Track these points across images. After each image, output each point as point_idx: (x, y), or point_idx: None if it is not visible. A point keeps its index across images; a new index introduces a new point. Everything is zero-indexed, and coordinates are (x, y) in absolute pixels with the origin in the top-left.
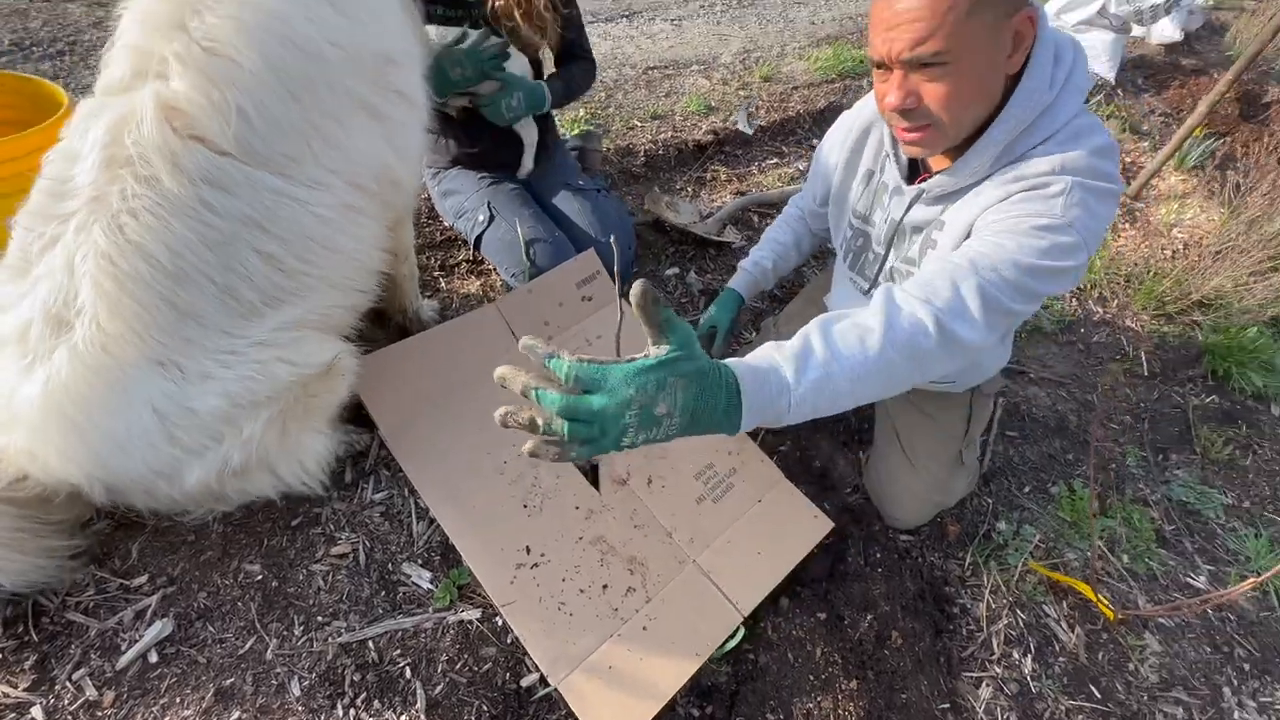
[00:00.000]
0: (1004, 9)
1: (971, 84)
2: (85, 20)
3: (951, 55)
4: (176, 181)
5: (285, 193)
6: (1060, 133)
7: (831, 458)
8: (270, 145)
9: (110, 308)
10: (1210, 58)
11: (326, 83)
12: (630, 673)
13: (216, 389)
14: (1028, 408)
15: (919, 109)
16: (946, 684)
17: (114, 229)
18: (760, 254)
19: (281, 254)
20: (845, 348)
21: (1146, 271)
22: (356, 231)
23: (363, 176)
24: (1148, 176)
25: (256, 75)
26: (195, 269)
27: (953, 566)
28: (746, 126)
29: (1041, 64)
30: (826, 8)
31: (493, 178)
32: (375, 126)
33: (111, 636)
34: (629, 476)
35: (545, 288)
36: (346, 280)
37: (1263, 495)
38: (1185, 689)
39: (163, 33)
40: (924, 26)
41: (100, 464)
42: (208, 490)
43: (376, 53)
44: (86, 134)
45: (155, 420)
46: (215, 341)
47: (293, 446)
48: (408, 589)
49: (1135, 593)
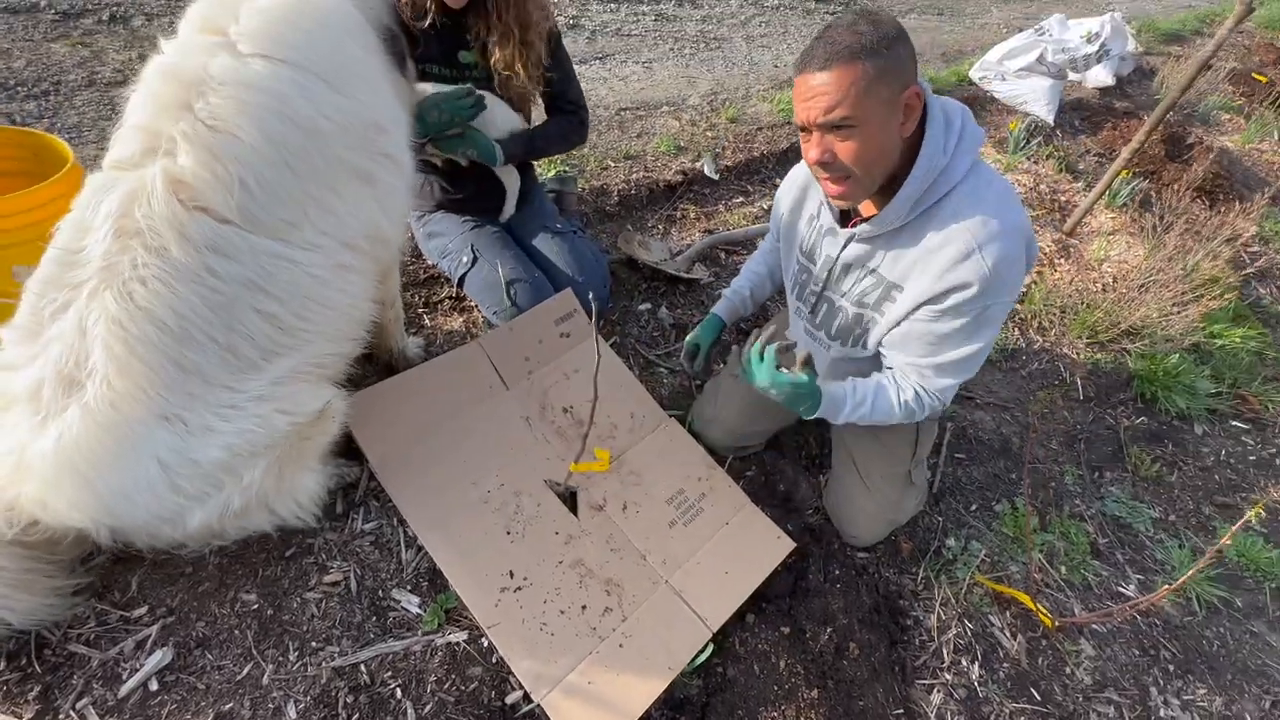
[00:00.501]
0: (896, 87)
1: (874, 143)
2: (69, 60)
3: (856, 120)
4: (183, 250)
5: (284, 256)
6: (960, 186)
7: (794, 481)
8: (270, 213)
9: (120, 368)
10: (1141, 100)
11: (322, 153)
12: (608, 688)
13: (218, 441)
14: (974, 431)
15: (835, 163)
16: (901, 691)
17: (124, 295)
18: (740, 283)
19: (280, 313)
20: (879, 410)
21: (1080, 303)
22: (349, 287)
23: (355, 237)
24: (1080, 215)
25: (257, 149)
26: (199, 330)
27: (906, 581)
28: (713, 172)
29: (934, 134)
30: (789, 51)
31: (475, 221)
32: (366, 190)
33: (113, 666)
34: (605, 502)
35: (525, 325)
36: (340, 332)
37: (1187, 509)
38: (1116, 690)
39: (170, 113)
40: (833, 98)
41: (108, 512)
42: (209, 531)
43: (368, 122)
44: (99, 207)
45: (160, 471)
46: (217, 396)
47: (288, 486)
48: (397, 614)
49: (1072, 601)
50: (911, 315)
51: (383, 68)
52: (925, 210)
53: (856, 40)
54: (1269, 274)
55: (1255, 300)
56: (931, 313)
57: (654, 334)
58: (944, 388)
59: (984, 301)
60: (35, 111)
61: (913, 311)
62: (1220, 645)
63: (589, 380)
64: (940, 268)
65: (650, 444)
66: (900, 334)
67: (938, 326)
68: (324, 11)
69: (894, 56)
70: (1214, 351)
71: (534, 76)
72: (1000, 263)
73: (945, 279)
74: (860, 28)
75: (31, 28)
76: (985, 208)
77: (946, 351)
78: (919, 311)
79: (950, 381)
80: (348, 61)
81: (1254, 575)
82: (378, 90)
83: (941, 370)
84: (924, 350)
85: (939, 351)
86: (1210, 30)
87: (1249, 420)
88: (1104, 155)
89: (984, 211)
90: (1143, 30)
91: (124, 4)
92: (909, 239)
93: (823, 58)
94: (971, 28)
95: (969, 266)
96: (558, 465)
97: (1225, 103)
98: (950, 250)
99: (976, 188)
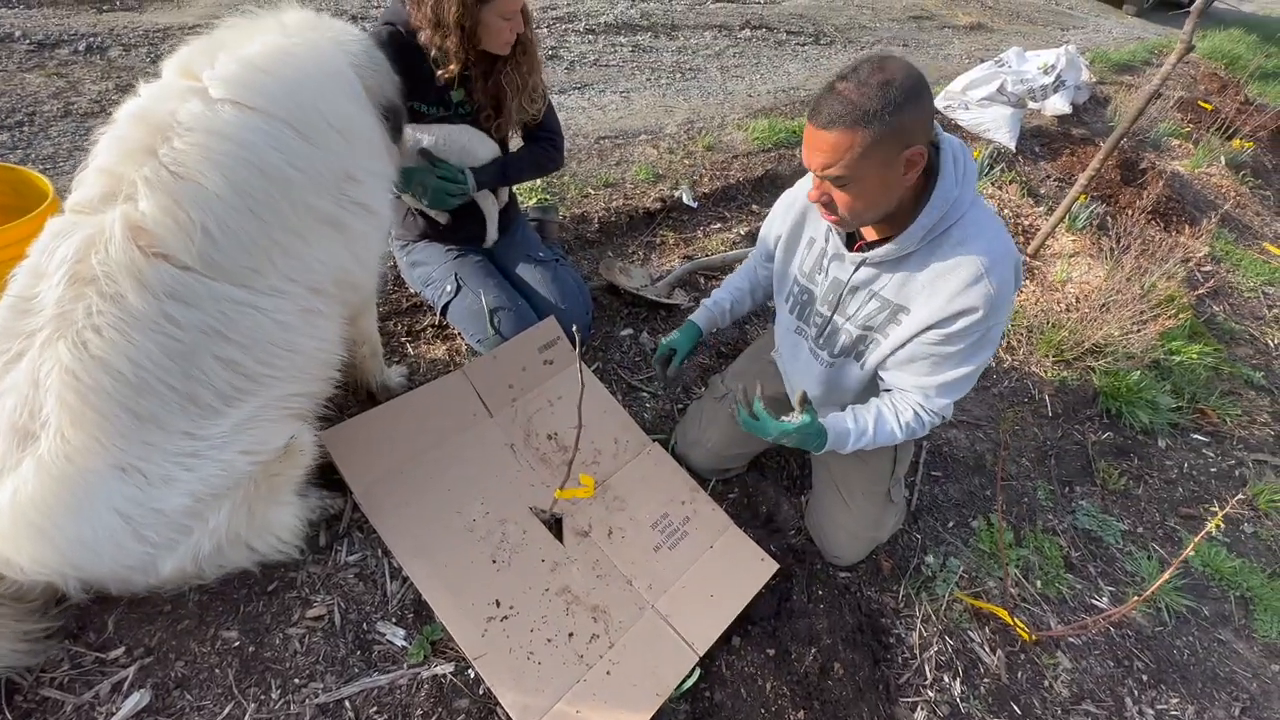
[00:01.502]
0: (896, 148)
1: (867, 198)
2: (45, 91)
3: (849, 179)
4: (141, 298)
5: (246, 302)
6: (966, 215)
7: (776, 503)
8: (232, 259)
9: (73, 419)
10: (1096, 127)
11: (289, 200)
12: (596, 716)
13: (181, 489)
14: (949, 449)
15: (830, 204)
16: (885, 710)
17: (78, 345)
18: (721, 295)
19: (243, 359)
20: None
21: (1046, 323)
22: (316, 332)
23: (322, 282)
24: (1043, 238)
25: (220, 196)
26: (156, 379)
27: (888, 599)
28: (691, 201)
29: (948, 170)
30: (762, 81)
31: (459, 250)
32: (336, 236)
33: (88, 710)
34: (591, 528)
35: (509, 353)
36: (308, 375)
37: (1154, 521)
38: (1093, 701)
39: (134, 157)
40: (829, 158)
41: (71, 565)
42: (183, 575)
43: (339, 172)
44: (54, 253)
45: (120, 522)
46: (176, 444)
47: (261, 523)
48: (383, 647)
49: (1048, 615)
50: (918, 338)
51: (369, 123)
52: (935, 238)
53: (862, 104)
54: (1221, 292)
55: (1210, 317)
56: (939, 335)
57: (636, 359)
58: (945, 405)
59: (988, 323)
60: (9, 142)
61: (919, 334)
62: (1190, 654)
63: (573, 407)
64: (950, 292)
65: (634, 469)
66: (905, 355)
67: (943, 348)
68: (306, 63)
69: (896, 123)
70: (1173, 368)
71: (518, 122)
72: (1003, 286)
73: (955, 303)
74: (869, 88)
75: (6, 58)
76: (988, 235)
77: (949, 371)
78: (926, 334)
79: (950, 399)
80: (325, 113)
81: (1219, 584)
82: (354, 142)
83: (944, 389)
84: (928, 370)
85: (942, 371)
86: (1159, 60)
87: (1209, 433)
88: (1063, 180)
89: (988, 239)
90: (1095, 61)
91: (100, 34)
92: (916, 264)
93: (826, 117)
94: (935, 59)
95: (977, 291)
96: (543, 492)
97: (1175, 129)
98: (960, 275)
99: (979, 217)
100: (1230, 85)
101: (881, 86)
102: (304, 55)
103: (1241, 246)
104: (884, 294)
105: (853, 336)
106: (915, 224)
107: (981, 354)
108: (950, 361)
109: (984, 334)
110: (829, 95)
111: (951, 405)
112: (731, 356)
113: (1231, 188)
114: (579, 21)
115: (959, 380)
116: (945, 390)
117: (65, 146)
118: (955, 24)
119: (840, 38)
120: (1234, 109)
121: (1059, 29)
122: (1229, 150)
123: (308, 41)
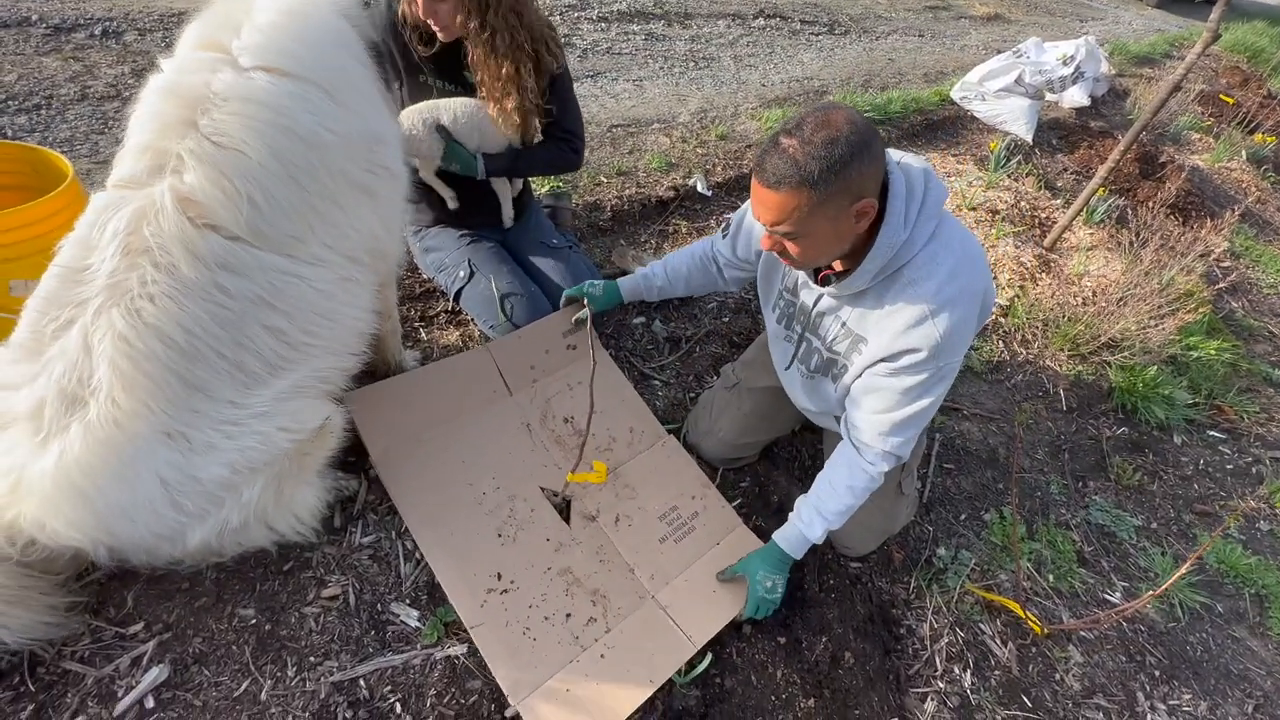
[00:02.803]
0: (843, 204)
1: (817, 247)
2: (62, 74)
3: (799, 232)
4: (193, 268)
5: (290, 271)
6: (919, 254)
7: (787, 492)
8: (277, 228)
9: (125, 384)
10: (1114, 120)
11: (326, 166)
12: (587, 697)
13: (220, 458)
14: (962, 442)
15: (783, 252)
16: (895, 700)
17: (132, 312)
18: (657, 270)
19: (288, 328)
20: (836, 517)
21: (1061, 316)
22: (353, 300)
23: (357, 250)
24: (1060, 231)
25: (264, 165)
26: (208, 347)
27: (899, 590)
28: (705, 189)
29: (895, 212)
30: (775, 71)
31: (472, 235)
32: (367, 202)
33: (108, 684)
34: (598, 513)
35: (534, 335)
36: (344, 345)
37: (1168, 517)
38: (1105, 696)
39: (174, 131)
40: (777, 215)
41: (107, 531)
42: (207, 548)
43: (367, 134)
44: (105, 226)
45: (161, 489)
46: (221, 412)
47: (286, 501)
48: (396, 627)
49: (1060, 609)
50: (870, 369)
51: (376, 81)
52: (886, 277)
53: (807, 165)
54: (1240, 288)
55: (1228, 313)
56: (887, 369)
57: (648, 347)
58: (898, 444)
59: (936, 363)
60: (27, 125)
61: (871, 366)
62: (1203, 650)
63: (589, 391)
64: (895, 330)
65: (647, 459)
66: (861, 386)
67: (892, 382)
68: (322, 24)
69: (842, 181)
70: (1190, 363)
71: (528, 107)
72: (950, 329)
73: (899, 341)
74: (814, 146)
75: (23, 42)
76: (941, 276)
77: (902, 408)
78: (877, 366)
79: (903, 437)
80: (347, 74)
81: (1234, 582)
82: (374, 102)
83: (897, 427)
84: (879, 405)
85: (895, 406)
86: (1179, 53)
87: (1225, 430)
88: (1081, 173)
89: (940, 280)
90: (1115, 53)
91: (116, 19)
92: (873, 300)
93: (773, 176)
94: (952, 49)
95: (921, 332)
96: (555, 473)
97: (1195, 123)
98: (905, 316)
99: (935, 254)
100: (1253, 79)
101: (827, 145)
102: (315, 15)
103: (1262, 242)
104: (848, 324)
105: (824, 358)
106: (861, 267)
107: (934, 390)
108: (903, 397)
109: (934, 372)
110: (774, 152)
111: (910, 442)
112: (743, 346)
113: (1252, 183)
114: (592, 9)
115: (912, 416)
116: (898, 428)
117: (82, 129)
118: (972, 14)
119: (855, 27)
120: (1256, 103)
121: (1078, 20)
122: (1250, 145)
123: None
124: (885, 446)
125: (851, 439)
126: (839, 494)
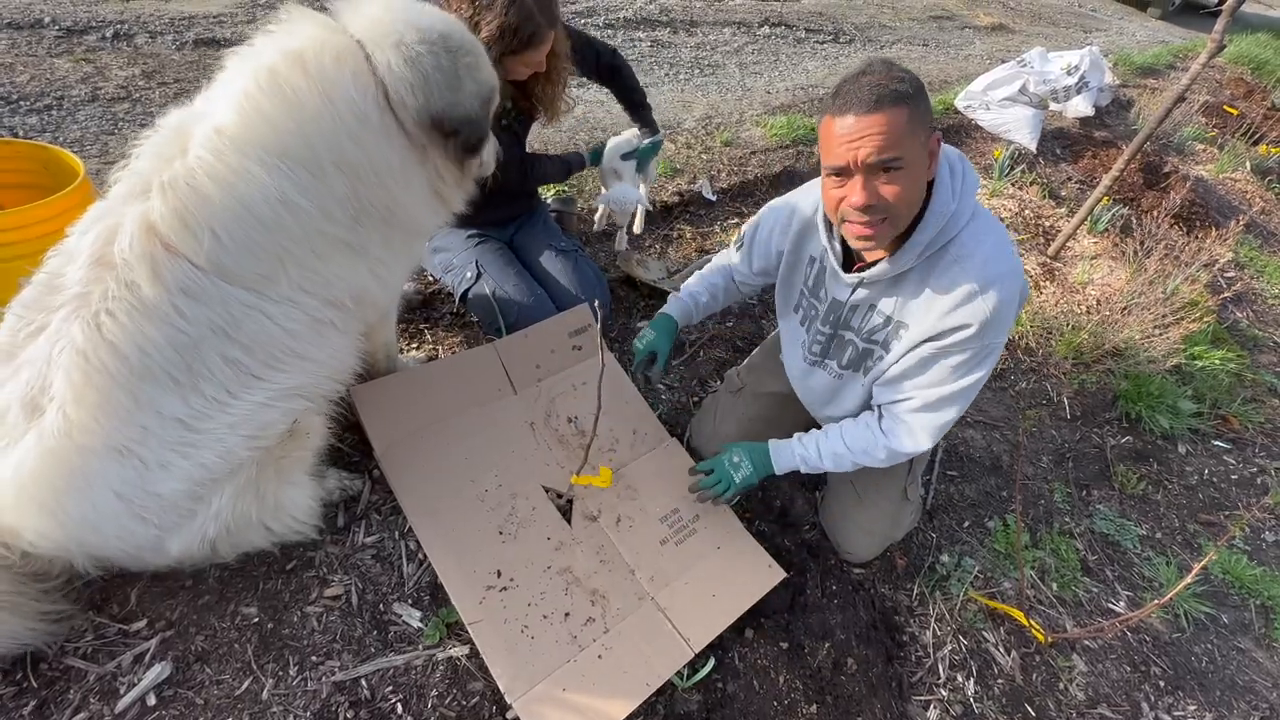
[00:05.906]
0: (925, 131)
1: (914, 183)
2: (73, 75)
3: (904, 160)
4: (153, 288)
5: (255, 306)
6: (964, 230)
7: (791, 498)
8: (241, 265)
9: (76, 397)
10: (1119, 130)
11: (298, 224)
12: (583, 697)
13: (177, 474)
14: (965, 449)
15: (879, 204)
16: (898, 707)
17: (92, 325)
18: (696, 288)
19: (246, 360)
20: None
21: (1066, 325)
22: (328, 344)
23: (340, 296)
24: (1064, 239)
25: (228, 209)
26: (159, 367)
27: (901, 597)
28: (710, 194)
29: (944, 181)
30: (780, 78)
31: (480, 236)
32: (355, 257)
33: (110, 680)
34: (600, 514)
35: (540, 335)
36: (317, 378)
37: (1173, 526)
38: (1109, 705)
39: (159, 162)
40: (883, 139)
41: (76, 542)
42: (193, 555)
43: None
44: (85, 236)
45: (120, 504)
46: (171, 432)
47: (273, 504)
48: (399, 628)
49: (1063, 617)
50: (915, 350)
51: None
52: (931, 254)
53: (900, 85)
54: (1245, 298)
55: (1233, 323)
56: (934, 348)
57: None
58: (945, 421)
59: (983, 340)
60: (38, 125)
61: (916, 347)
62: (1209, 661)
63: (596, 393)
64: (944, 308)
65: (649, 461)
66: (902, 368)
67: (939, 359)
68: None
69: (925, 103)
70: (1194, 373)
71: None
72: (999, 304)
73: (948, 319)
74: (897, 73)
75: (35, 43)
76: (986, 252)
77: (946, 385)
78: (921, 347)
79: (949, 413)
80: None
81: (1239, 592)
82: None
83: (941, 402)
84: (924, 381)
85: (941, 382)
86: (1183, 64)
87: (1230, 440)
88: (1085, 182)
89: (985, 256)
90: (1119, 63)
91: (128, 21)
92: (914, 280)
93: (870, 100)
94: (956, 58)
95: (970, 309)
96: (557, 472)
97: (1199, 134)
98: (955, 293)
99: (977, 232)
100: (1257, 90)
101: (904, 72)
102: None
103: (1266, 253)
104: (886, 311)
105: (859, 349)
106: (911, 240)
107: (981, 367)
108: (951, 374)
109: (980, 349)
110: (859, 86)
111: (951, 421)
112: (747, 350)
113: (1257, 194)
114: (599, 16)
115: (958, 393)
116: (942, 404)
117: (92, 130)
118: (976, 24)
119: (860, 36)
120: (1260, 114)
121: (1081, 31)
122: (1254, 156)
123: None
124: (919, 424)
125: (881, 413)
126: (844, 440)
